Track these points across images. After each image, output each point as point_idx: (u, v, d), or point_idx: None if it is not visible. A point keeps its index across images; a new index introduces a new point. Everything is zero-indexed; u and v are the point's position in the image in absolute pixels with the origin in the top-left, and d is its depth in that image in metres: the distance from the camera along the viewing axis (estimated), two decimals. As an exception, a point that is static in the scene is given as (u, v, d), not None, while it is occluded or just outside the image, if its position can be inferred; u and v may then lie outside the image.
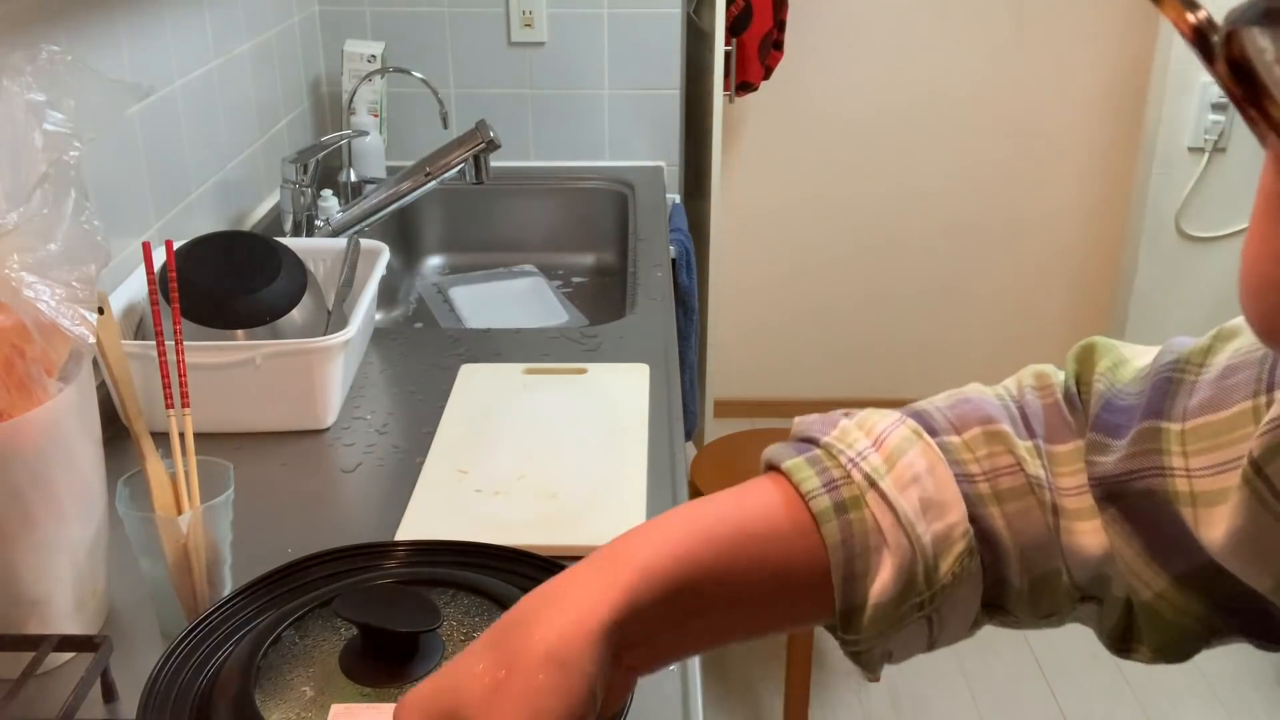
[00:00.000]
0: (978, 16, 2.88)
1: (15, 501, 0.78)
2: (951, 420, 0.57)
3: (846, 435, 0.56)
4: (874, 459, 0.55)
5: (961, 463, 0.56)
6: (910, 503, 0.54)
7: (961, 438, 0.57)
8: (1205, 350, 0.53)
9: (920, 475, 0.55)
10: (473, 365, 1.33)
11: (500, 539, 0.89)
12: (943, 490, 0.55)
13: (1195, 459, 0.50)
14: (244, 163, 1.77)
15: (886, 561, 0.54)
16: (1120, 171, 3.01)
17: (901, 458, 0.55)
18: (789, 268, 3.14)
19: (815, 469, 0.55)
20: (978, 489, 0.56)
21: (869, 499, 0.54)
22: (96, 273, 0.78)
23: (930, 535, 0.54)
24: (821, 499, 0.54)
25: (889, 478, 0.54)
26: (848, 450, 0.55)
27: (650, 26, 2.15)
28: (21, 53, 0.79)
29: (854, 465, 0.54)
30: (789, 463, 0.56)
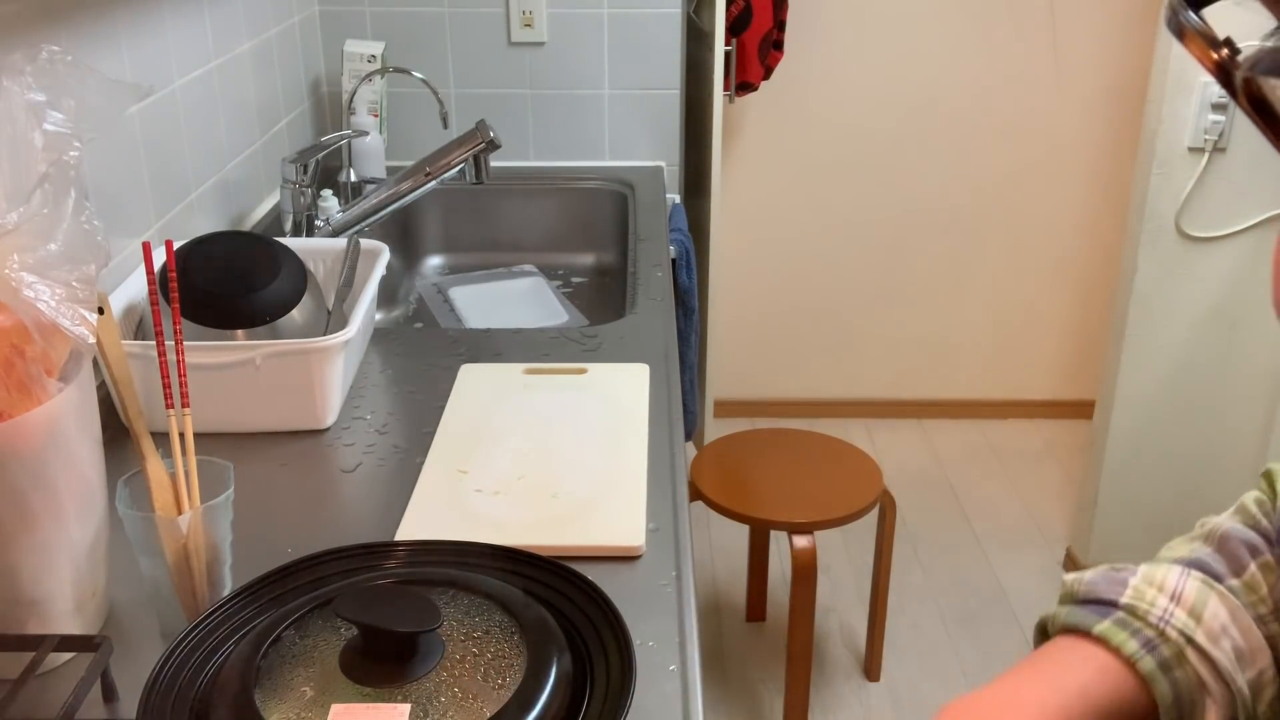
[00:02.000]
0: (978, 17, 2.88)
1: (15, 501, 0.78)
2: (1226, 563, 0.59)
3: (1143, 594, 0.58)
4: (1180, 615, 0.57)
5: (1251, 605, 0.58)
6: (1225, 654, 0.56)
7: (1242, 580, 0.59)
8: None
9: (1227, 625, 0.57)
10: (473, 365, 1.33)
11: (500, 539, 0.89)
12: (1249, 638, 0.57)
13: None
14: (244, 163, 1.77)
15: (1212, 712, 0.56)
16: (1120, 171, 3.01)
17: (1205, 609, 0.57)
18: (789, 268, 3.14)
19: (1128, 631, 0.57)
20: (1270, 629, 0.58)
21: (1189, 655, 0.56)
22: (96, 273, 0.78)
23: (1247, 683, 0.57)
24: (1146, 660, 0.56)
25: (1200, 632, 0.56)
26: (1153, 610, 0.57)
27: (650, 26, 2.15)
28: (21, 53, 0.79)
29: (1165, 624, 0.56)
30: (1100, 628, 0.57)
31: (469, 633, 0.75)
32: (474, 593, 0.78)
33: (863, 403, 3.27)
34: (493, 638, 0.75)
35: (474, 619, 0.76)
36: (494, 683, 0.71)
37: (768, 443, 2.27)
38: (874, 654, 2.31)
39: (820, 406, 3.27)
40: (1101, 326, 3.09)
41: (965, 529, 2.81)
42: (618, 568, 0.95)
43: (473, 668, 0.72)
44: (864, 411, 3.28)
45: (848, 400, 3.27)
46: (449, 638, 0.74)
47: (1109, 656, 0.56)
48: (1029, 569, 2.67)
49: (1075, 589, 0.61)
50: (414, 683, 0.70)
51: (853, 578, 2.62)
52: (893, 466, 3.03)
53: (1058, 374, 3.27)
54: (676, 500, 1.06)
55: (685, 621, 0.89)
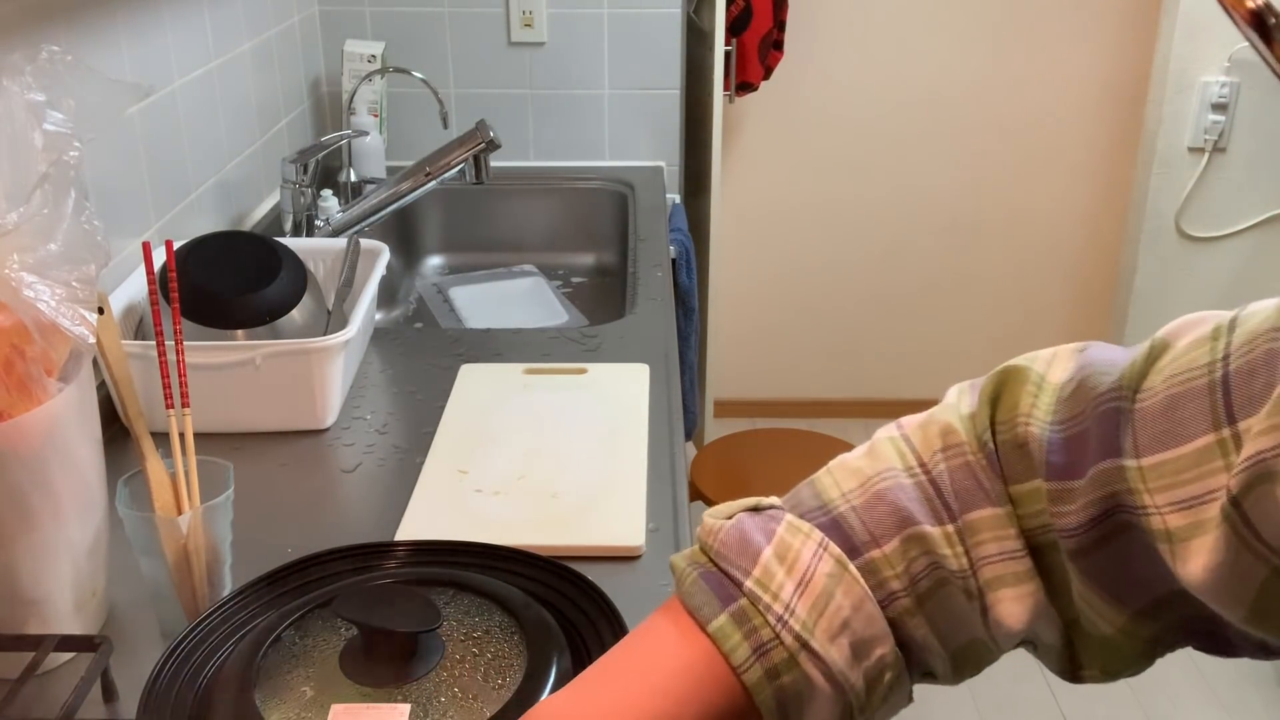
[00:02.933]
0: (977, 16, 2.88)
1: (15, 502, 0.78)
2: (870, 529, 0.57)
3: (772, 577, 0.55)
4: (801, 611, 0.54)
5: (884, 582, 0.56)
6: (841, 653, 0.54)
7: (883, 551, 0.56)
8: (1139, 374, 0.52)
9: (849, 619, 0.55)
10: (473, 365, 1.33)
11: (500, 539, 0.89)
12: (870, 627, 0.55)
13: (1160, 495, 0.50)
14: (244, 163, 1.78)
15: (820, 708, 0.55)
16: (1120, 171, 3.01)
17: (829, 603, 0.55)
18: (789, 268, 3.14)
19: (742, 630, 0.54)
20: (901, 605, 0.56)
21: (800, 659, 0.54)
22: (96, 273, 0.78)
23: (861, 677, 0.55)
24: (754, 670, 0.54)
25: (818, 631, 0.54)
26: (775, 605, 0.54)
27: (650, 26, 2.15)
28: (21, 53, 0.79)
29: (783, 625, 0.54)
30: (714, 626, 0.55)
31: (469, 633, 0.75)
32: (474, 593, 0.78)
33: (863, 403, 3.27)
34: (493, 638, 0.75)
35: (474, 619, 0.76)
36: (494, 683, 0.71)
37: (768, 443, 2.27)
38: (874, 654, 2.31)
39: (820, 406, 3.27)
40: (1101, 326, 3.09)
41: (965, 529, 2.81)
42: (618, 568, 0.95)
43: (473, 668, 0.72)
44: (864, 411, 3.28)
45: (848, 400, 3.27)
46: (449, 638, 0.74)
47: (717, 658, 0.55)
48: (1029, 569, 2.67)
49: (710, 543, 0.58)
50: (414, 683, 0.70)
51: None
52: (893, 466, 3.03)
53: (1058, 374, 3.26)
54: (676, 500, 1.06)
55: (685, 621, 0.89)
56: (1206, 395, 0.49)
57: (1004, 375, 0.59)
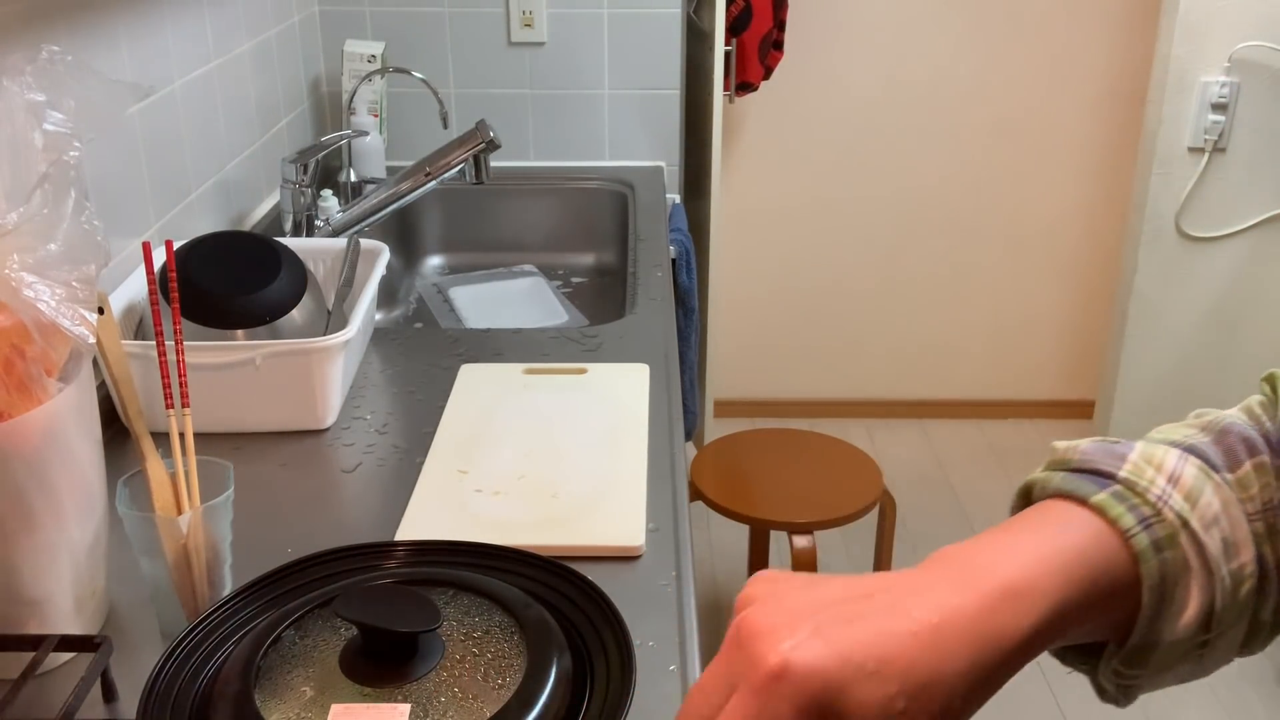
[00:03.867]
0: (977, 16, 2.88)
1: (15, 501, 0.78)
2: (1223, 456, 0.58)
3: (1142, 471, 0.57)
4: (1177, 498, 0.55)
5: (1242, 501, 0.57)
6: (1215, 543, 0.55)
7: (1235, 475, 0.58)
8: None
9: (1219, 515, 0.56)
10: (473, 365, 1.33)
11: (500, 539, 0.89)
12: (1237, 530, 0.56)
13: None
14: (244, 163, 1.78)
15: (1194, 599, 0.55)
16: (1120, 171, 3.01)
17: (1201, 497, 0.56)
18: (789, 268, 3.14)
19: (1125, 505, 0.55)
20: (1255, 527, 0.57)
21: (1182, 538, 0.55)
22: (96, 273, 0.78)
23: (1229, 573, 0.56)
24: (1141, 537, 0.55)
25: (1195, 516, 0.55)
26: (1152, 488, 0.56)
27: (650, 26, 2.15)
28: (21, 53, 0.79)
29: (1164, 503, 0.55)
30: (1098, 498, 0.55)
31: (469, 633, 0.75)
32: (474, 593, 0.78)
33: (863, 403, 3.27)
34: (493, 638, 0.75)
35: (474, 619, 0.76)
36: (494, 683, 0.71)
37: (768, 443, 2.27)
38: (874, 654, 2.30)
39: (820, 406, 3.27)
40: (1101, 326, 3.09)
41: (965, 529, 2.81)
42: (618, 568, 0.95)
43: (473, 668, 0.72)
44: (864, 411, 3.28)
45: (848, 400, 3.28)
46: (449, 638, 0.74)
47: (1104, 527, 0.55)
48: (1029, 569, 2.67)
49: (1069, 456, 0.59)
50: (414, 683, 0.70)
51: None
52: (893, 466, 3.03)
53: (1058, 374, 3.27)
54: (676, 500, 1.06)
55: (685, 621, 0.89)
56: None
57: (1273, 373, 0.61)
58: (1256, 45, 2.28)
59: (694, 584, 0.95)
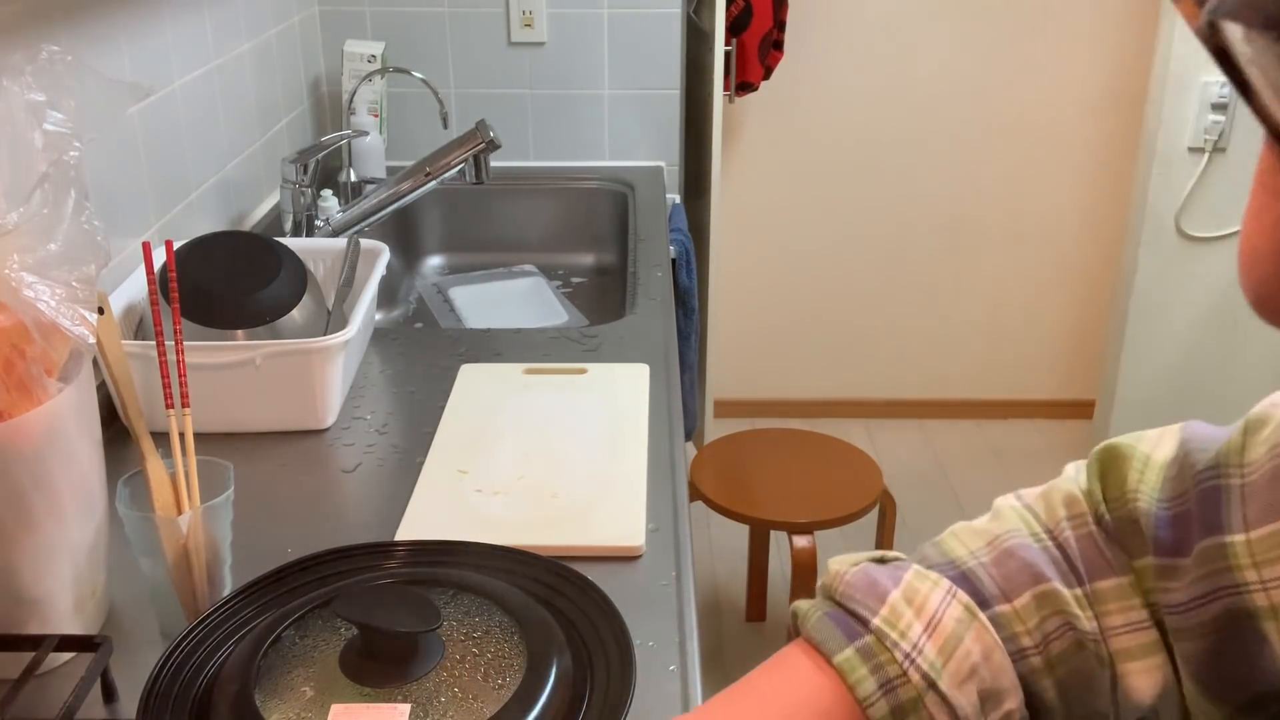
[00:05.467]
0: (978, 16, 2.88)
1: (15, 501, 0.78)
2: (1000, 585, 0.57)
3: (899, 619, 0.55)
4: (929, 652, 0.54)
5: (1015, 637, 0.56)
6: (969, 699, 0.54)
7: (1013, 605, 0.56)
8: (1240, 449, 0.52)
9: (977, 666, 0.54)
10: (473, 365, 1.33)
11: (500, 539, 0.89)
12: (999, 678, 0.55)
13: (1267, 569, 0.50)
14: (244, 163, 1.78)
15: None
16: (1120, 171, 3.01)
17: (958, 646, 0.54)
18: (789, 267, 3.14)
19: (869, 665, 0.54)
20: (1030, 663, 0.56)
21: (927, 700, 0.53)
22: (96, 273, 0.78)
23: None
24: (880, 706, 0.54)
25: (946, 674, 0.54)
26: (902, 643, 0.54)
27: (650, 26, 2.15)
28: (21, 53, 0.79)
29: (910, 662, 0.54)
30: (840, 658, 0.54)
31: (469, 633, 0.75)
32: (474, 593, 0.78)
33: (863, 403, 3.27)
34: (493, 638, 0.75)
35: (474, 619, 0.76)
36: (494, 683, 0.71)
37: (768, 443, 2.27)
38: (874, 654, 2.30)
39: (820, 406, 3.27)
40: (1101, 326, 3.09)
41: (965, 529, 2.81)
42: (618, 568, 0.95)
43: (473, 668, 0.72)
44: (864, 411, 3.28)
45: (848, 400, 3.27)
46: (449, 638, 0.74)
47: (842, 692, 0.54)
48: (1029, 569, 2.67)
49: (834, 587, 0.58)
50: (414, 683, 0.70)
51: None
52: (893, 466, 3.03)
53: (1058, 374, 3.27)
54: (676, 500, 1.06)
55: (685, 621, 0.89)
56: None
57: (1110, 453, 0.59)
58: None
59: (694, 584, 0.95)
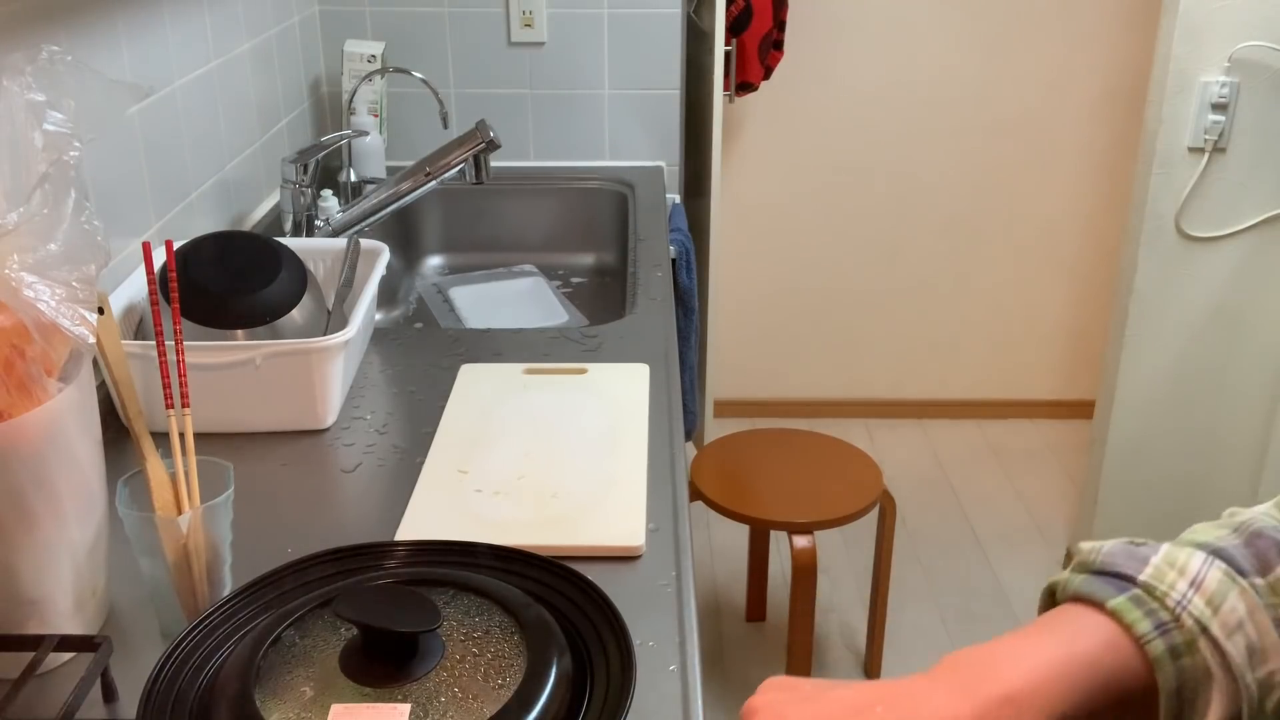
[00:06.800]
0: (978, 16, 2.88)
1: (15, 501, 0.78)
2: (1254, 560, 0.58)
3: (1163, 575, 0.57)
4: (1198, 603, 0.55)
5: (1273, 606, 0.57)
6: (1238, 649, 0.55)
7: (1266, 580, 0.57)
8: None
9: (1243, 621, 0.56)
10: (473, 365, 1.33)
11: (500, 539, 0.89)
12: (1264, 636, 0.56)
13: None
14: (244, 163, 1.77)
15: (1216, 705, 0.55)
16: (1120, 171, 3.01)
17: (1224, 602, 0.56)
18: (789, 268, 3.14)
19: (1143, 610, 0.56)
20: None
21: (1201, 644, 0.55)
22: (96, 273, 0.78)
23: (1256, 681, 0.56)
24: (1156, 643, 0.55)
25: (1216, 622, 0.55)
26: (1171, 593, 0.56)
27: (650, 26, 2.15)
28: (21, 53, 0.79)
29: (1182, 609, 0.55)
30: (1115, 602, 0.56)
31: (469, 633, 0.75)
32: (474, 593, 0.78)
33: (863, 403, 3.27)
34: (493, 638, 0.75)
35: (474, 619, 0.76)
36: (494, 683, 0.71)
37: (768, 443, 2.27)
38: (874, 654, 2.31)
39: (820, 406, 3.27)
40: (1101, 326, 3.09)
41: (965, 529, 2.81)
42: (618, 568, 0.95)
43: (473, 668, 0.72)
44: (864, 411, 3.28)
45: (848, 400, 3.27)
46: (449, 638, 0.74)
47: (1120, 633, 0.55)
48: (1029, 569, 2.67)
49: (1092, 559, 0.60)
50: (414, 683, 0.70)
51: (853, 578, 2.62)
52: (893, 466, 3.03)
53: (1058, 374, 3.27)
54: (676, 500, 1.06)
55: (685, 621, 0.89)
56: None
57: None
58: (1256, 45, 2.28)
59: (694, 584, 0.95)
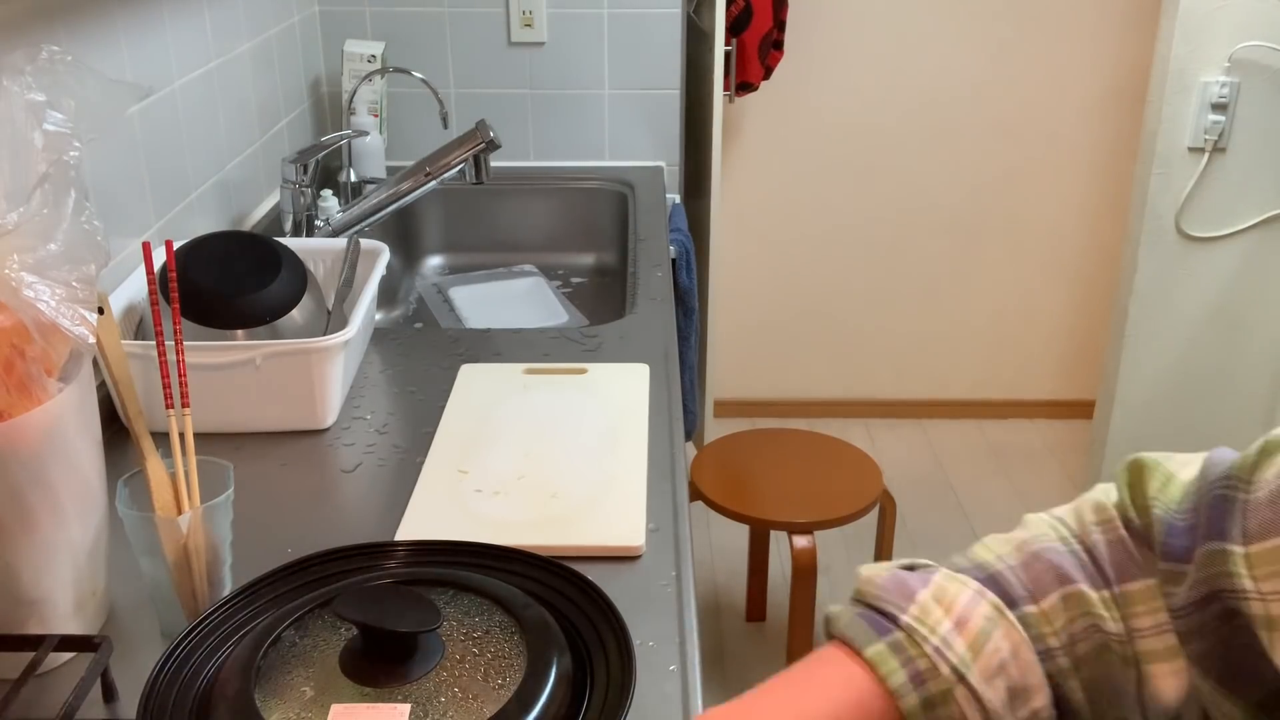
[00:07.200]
0: (978, 16, 2.88)
1: (15, 501, 0.78)
2: (1028, 586, 0.58)
3: (928, 615, 0.56)
4: (959, 647, 0.55)
5: (1042, 637, 0.57)
6: (998, 694, 0.55)
7: (1040, 607, 0.57)
8: (1252, 465, 0.53)
9: (1006, 662, 0.55)
10: (473, 365, 1.33)
11: (500, 539, 0.89)
12: (1028, 675, 0.56)
13: (1265, 583, 0.50)
14: (244, 163, 1.77)
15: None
16: (1120, 171, 3.01)
17: (987, 643, 0.55)
18: (789, 267, 3.14)
19: (899, 659, 0.55)
20: (1058, 663, 0.57)
21: (957, 694, 0.54)
22: (96, 273, 0.78)
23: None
24: (910, 697, 0.55)
25: (975, 668, 0.55)
26: (931, 637, 0.55)
27: (650, 26, 2.15)
28: (21, 53, 0.79)
29: (940, 656, 0.55)
30: (871, 651, 0.56)
31: (469, 633, 0.75)
32: (474, 593, 0.78)
33: (863, 403, 3.27)
34: (493, 638, 0.75)
35: (474, 619, 0.76)
36: (494, 683, 0.71)
37: (768, 443, 2.27)
38: (874, 654, 2.30)
39: (820, 406, 3.27)
40: (1101, 326, 3.09)
41: (965, 529, 2.81)
42: (618, 568, 0.95)
43: (473, 668, 0.72)
44: (864, 411, 3.28)
45: (848, 400, 3.27)
46: (449, 638, 0.74)
47: (874, 684, 0.55)
48: (1029, 569, 2.67)
49: (865, 590, 0.60)
50: (414, 683, 0.70)
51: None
52: (893, 466, 3.03)
53: (1058, 374, 3.27)
54: (676, 500, 1.06)
55: (685, 621, 0.89)
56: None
57: (1137, 464, 0.61)
58: (1256, 45, 2.28)
59: (694, 584, 0.95)
